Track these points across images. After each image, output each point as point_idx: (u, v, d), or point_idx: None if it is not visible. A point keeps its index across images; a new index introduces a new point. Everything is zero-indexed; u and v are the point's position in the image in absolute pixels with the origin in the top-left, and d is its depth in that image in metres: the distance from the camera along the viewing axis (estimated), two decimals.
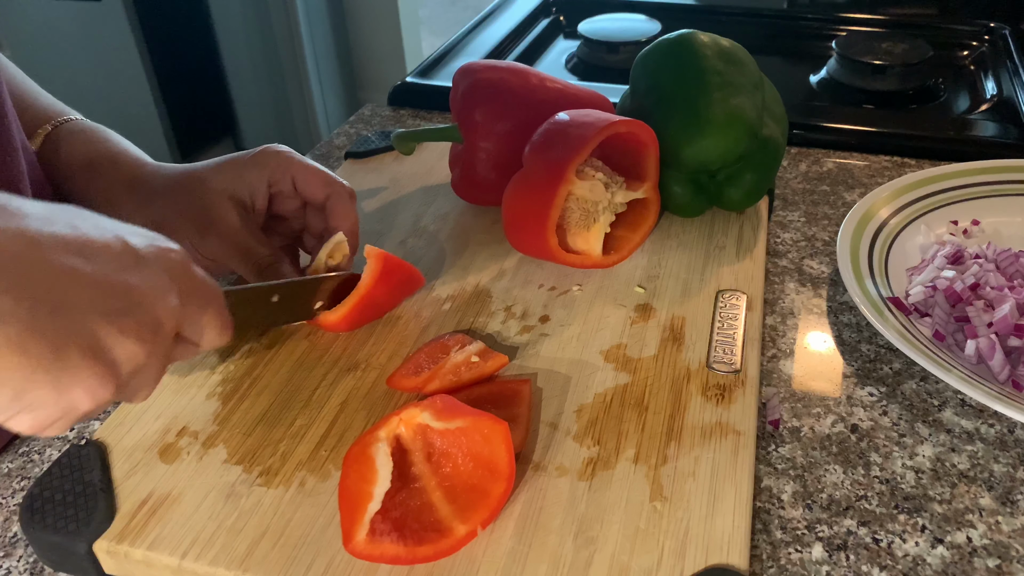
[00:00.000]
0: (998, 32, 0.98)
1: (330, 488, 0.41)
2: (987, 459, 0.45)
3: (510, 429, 0.39)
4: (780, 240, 0.65)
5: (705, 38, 0.59)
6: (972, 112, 0.87)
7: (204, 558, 0.38)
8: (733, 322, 0.51)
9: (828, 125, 0.80)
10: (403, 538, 0.37)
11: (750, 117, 0.56)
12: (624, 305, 0.53)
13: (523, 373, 0.48)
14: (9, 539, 0.43)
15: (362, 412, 0.45)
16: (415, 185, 0.68)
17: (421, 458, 0.40)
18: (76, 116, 0.59)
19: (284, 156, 0.53)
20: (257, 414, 0.45)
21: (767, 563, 0.40)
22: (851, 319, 0.56)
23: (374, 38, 2.39)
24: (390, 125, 0.86)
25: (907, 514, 0.42)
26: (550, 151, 0.52)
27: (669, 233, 0.60)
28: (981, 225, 0.63)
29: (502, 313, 0.53)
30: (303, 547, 0.38)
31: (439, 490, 0.39)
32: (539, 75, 0.61)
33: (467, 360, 0.46)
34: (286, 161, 0.53)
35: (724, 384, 0.46)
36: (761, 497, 0.44)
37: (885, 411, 0.49)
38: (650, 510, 0.39)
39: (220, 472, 0.42)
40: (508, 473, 0.38)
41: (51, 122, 0.57)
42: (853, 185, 0.72)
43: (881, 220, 0.60)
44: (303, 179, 0.53)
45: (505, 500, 0.39)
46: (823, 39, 1.02)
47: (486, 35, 1.04)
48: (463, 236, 0.61)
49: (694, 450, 0.42)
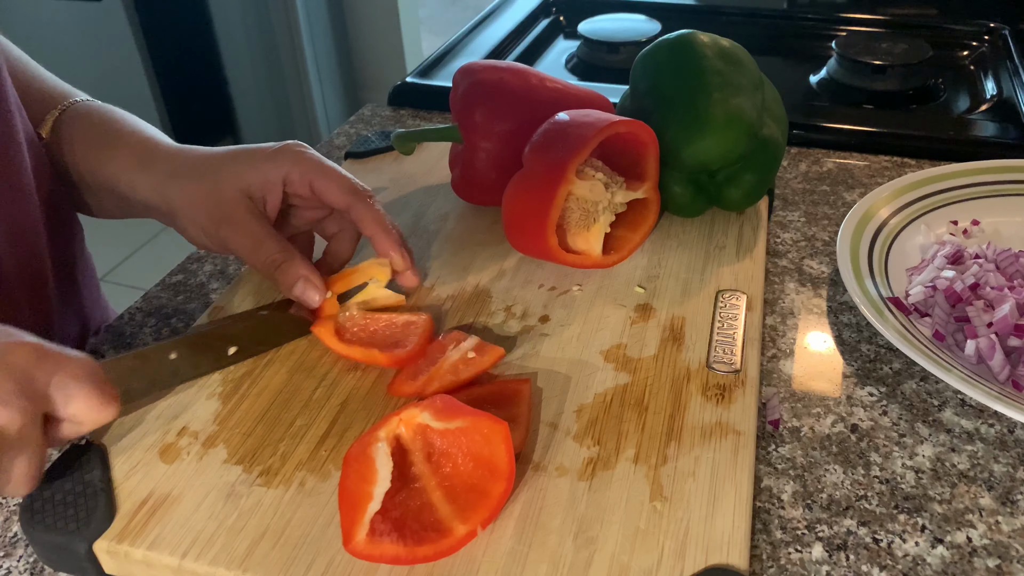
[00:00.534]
0: (998, 32, 0.98)
1: (330, 488, 0.41)
2: (987, 459, 0.45)
3: (510, 429, 0.39)
4: (780, 240, 0.65)
5: (705, 38, 0.59)
6: (972, 112, 0.87)
7: (204, 558, 0.38)
8: (733, 322, 0.51)
9: (828, 125, 0.80)
10: (403, 538, 0.37)
11: (750, 117, 0.56)
12: (624, 305, 0.53)
13: (523, 373, 0.48)
14: (9, 539, 0.43)
15: (362, 412, 0.45)
16: (415, 185, 0.68)
17: (421, 458, 0.40)
18: (82, 97, 0.58)
19: (305, 157, 0.51)
20: (257, 414, 0.45)
21: (767, 563, 0.40)
22: (851, 319, 0.56)
23: (374, 38, 2.39)
24: (390, 125, 0.86)
25: (907, 514, 0.43)
26: (550, 151, 0.52)
27: (669, 233, 0.60)
28: (981, 225, 0.63)
29: (502, 313, 0.53)
30: (303, 547, 0.38)
31: (439, 490, 0.39)
32: (539, 75, 0.61)
33: (464, 357, 0.46)
34: (306, 162, 0.51)
35: (724, 384, 0.46)
36: (761, 497, 0.44)
37: (885, 411, 0.49)
38: (650, 510, 0.39)
39: (220, 472, 0.42)
40: (508, 473, 0.38)
41: (58, 106, 0.56)
42: (853, 185, 0.72)
43: (881, 220, 0.60)
44: (323, 185, 0.51)
45: (505, 500, 0.39)
46: (823, 39, 1.02)
47: (486, 35, 1.04)
48: (463, 236, 0.61)
49: (694, 450, 0.42)
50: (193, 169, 0.52)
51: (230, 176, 0.50)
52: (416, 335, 0.49)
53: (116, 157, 0.54)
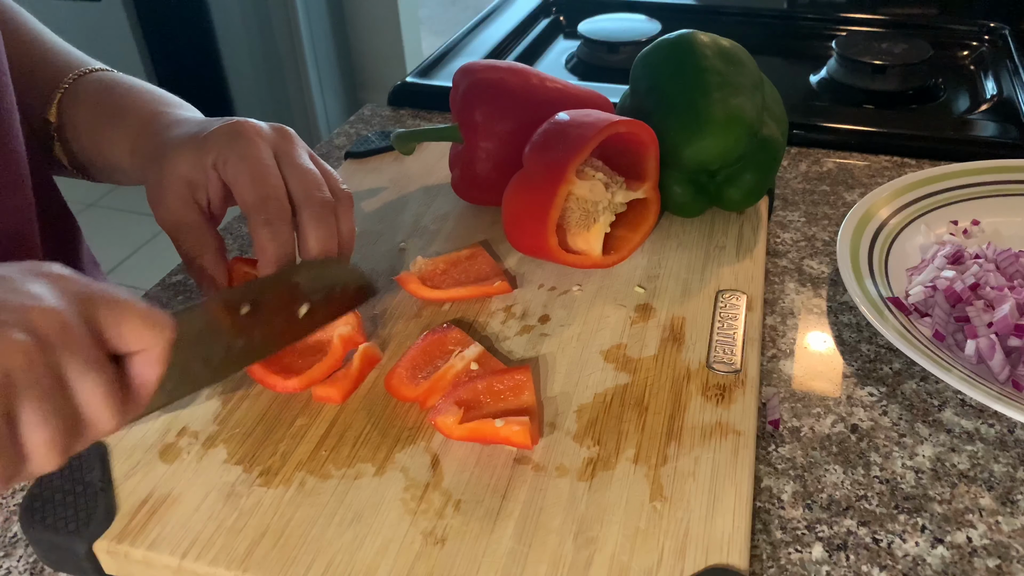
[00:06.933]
0: (998, 32, 0.98)
1: (330, 488, 0.41)
2: (987, 459, 0.45)
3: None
4: (780, 240, 0.65)
5: (705, 38, 0.59)
6: (972, 112, 0.87)
7: (204, 558, 0.38)
8: (733, 322, 0.51)
9: (828, 125, 0.80)
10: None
11: (750, 117, 0.56)
12: (624, 305, 0.53)
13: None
14: (9, 539, 0.43)
15: (362, 412, 0.45)
16: (415, 185, 0.68)
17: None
18: (86, 68, 0.57)
19: (236, 142, 0.46)
20: (257, 414, 0.45)
21: (767, 563, 0.40)
22: (851, 319, 0.56)
23: (374, 38, 2.39)
24: (390, 125, 0.86)
25: (907, 514, 0.42)
26: (550, 151, 0.52)
27: (669, 233, 0.60)
28: (981, 225, 0.63)
29: (502, 313, 0.53)
30: (303, 547, 0.38)
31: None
32: (539, 75, 0.61)
33: (466, 368, 0.46)
34: (230, 146, 0.45)
35: (724, 384, 0.46)
36: (761, 497, 0.44)
37: (885, 411, 0.49)
38: (650, 510, 0.39)
39: (220, 472, 0.42)
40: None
41: (61, 85, 0.56)
42: (853, 185, 0.72)
43: (881, 220, 0.60)
44: (233, 175, 0.45)
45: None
46: (823, 39, 1.02)
47: (486, 35, 1.04)
48: (463, 236, 0.61)
49: (694, 450, 0.42)
50: (158, 150, 0.49)
51: (171, 162, 0.47)
52: (488, 263, 0.56)
53: (114, 142, 0.53)
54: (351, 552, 0.38)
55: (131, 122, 0.53)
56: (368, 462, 0.42)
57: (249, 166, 0.45)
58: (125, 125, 0.53)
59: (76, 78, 0.56)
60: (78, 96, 0.56)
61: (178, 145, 0.48)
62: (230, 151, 0.45)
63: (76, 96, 0.56)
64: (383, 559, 0.37)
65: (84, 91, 0.56)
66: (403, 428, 0.44)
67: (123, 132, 0.53)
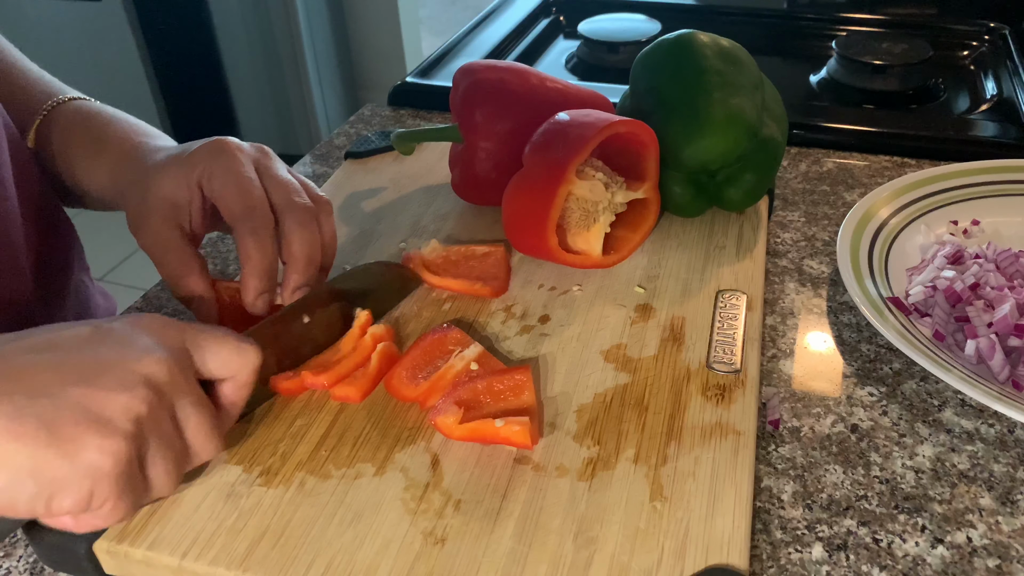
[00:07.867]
0: (998, 32, 0.98)
1: (330, 488, 0.41)
2: (987, 459, 0.45)
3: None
4: (780, 240, 0.65)
5: (705, 38, 0.59)
6: (972, 112, 0.87)
7: (204, 558, 0.38)
8: (733, 322, 0.51)
9: (828, 125, 0.80)
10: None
11: (750, 117, 0.56)
12: (624, 305, 0.53)
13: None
14: (9, 539, 0.43)
15: (362, 412, 0.45)
16: (415, 185, 0.68)
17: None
18: (64, 97, 0.57)
19: (221, 157, 0.47)
20: (257, 414, 0.45)
21: (767, 563, 0.40)
22: (851, 319, 0.56)
23: (374, 38, 2.40)
24: (390, 125, 0.86)
25: (907, 514, 0.43)
26: (550, 151, 0.52)
27: (669, 233, 0.60)
28: (981, 225, 0.63)
29: (502, 313, 0.53)
30: (303, 547, 0.38)
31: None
32: (539, 75, 0.61)
33: (466, 368, 0.46)
34: (215, 162, 0.47)
35: (724, 384, 0.46)
36: (761, 497, 0.44)
37: (885, 411, 0.49)
38: (650, 510, 0.39)
39: (220, 472, 0.42)
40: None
41: (39, 111, 0.56)
42: (853, 185, 0.72)
43: (881, 220, 0.60)
44: (219, 189, 0.47)
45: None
46: (823, 39, 1.02)
47: (486, 35, 1.04)
48: (463, 236, 0.61)
49: (694, 450, 0.42)
50: (139, 175, 0.50)
51: (155, 183, 0.48)
52: (499, 265, 0.56)
53: (91, 171, 0.54)
54: (351, 552, 0.38)
55: (111, 151, 0.54)
56: (368, 462, 0.42)
57: (234, 179, 0.47)
58: (105, 154, 0.54)
59: (55, 105, 0.57)
60: (57, 123, 0.56)
61: (161, 167, 0.49)
62: (215, 165, 0.47)
63: (54, 123, 0.56)
64: (383, 559, 0.37)
65: (63, 118, 0.56)
66: (403, 428, 0.44)
67: (102, 161, 0.54)
